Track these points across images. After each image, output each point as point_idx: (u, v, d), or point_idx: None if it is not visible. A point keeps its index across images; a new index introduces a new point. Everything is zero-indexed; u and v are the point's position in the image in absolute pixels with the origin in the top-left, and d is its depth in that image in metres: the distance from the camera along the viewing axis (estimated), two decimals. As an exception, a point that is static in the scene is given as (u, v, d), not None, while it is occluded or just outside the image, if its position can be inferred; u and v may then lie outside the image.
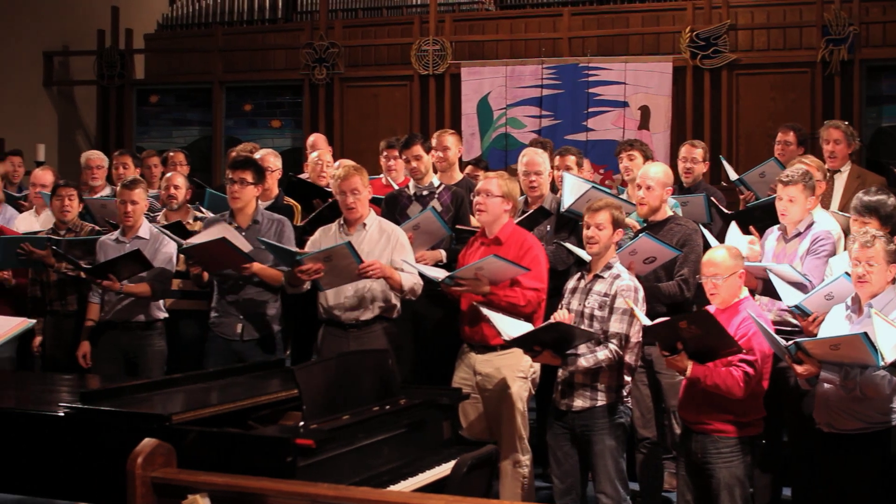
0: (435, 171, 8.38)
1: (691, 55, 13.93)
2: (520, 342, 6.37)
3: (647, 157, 8.75)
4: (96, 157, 10.27)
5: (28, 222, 9.30)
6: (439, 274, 6.99)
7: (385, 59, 15.96)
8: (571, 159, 8.78)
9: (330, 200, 8.20)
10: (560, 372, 6.58)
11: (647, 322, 6.11)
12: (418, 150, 8.14)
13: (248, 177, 7.53)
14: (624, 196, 8.19)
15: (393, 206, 8.12)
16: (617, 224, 6.52)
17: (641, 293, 6.46)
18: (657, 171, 7.41)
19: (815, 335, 6.03)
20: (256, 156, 8.61)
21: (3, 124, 15.74)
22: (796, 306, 6.30)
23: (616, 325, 6.35)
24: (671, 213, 7.40)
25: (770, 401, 6.27)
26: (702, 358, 5.92)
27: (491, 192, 6.98)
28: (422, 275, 7.12)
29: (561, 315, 6.33)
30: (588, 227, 6.54)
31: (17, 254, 8.13)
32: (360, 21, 16.62)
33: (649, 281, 6.98)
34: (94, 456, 5.24)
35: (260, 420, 5.51)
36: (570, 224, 7.79)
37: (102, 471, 5.17)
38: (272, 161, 8.64)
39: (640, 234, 7.07)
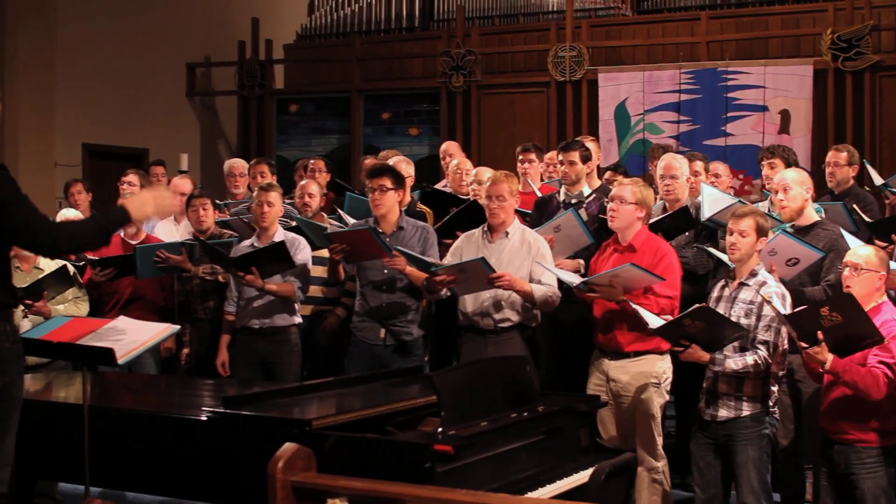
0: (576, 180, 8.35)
1: (833, 57, 13.65)
2: (666, 332, 6.30)
3: (789, 163, 8.55)
4: (239, 164, 10.47)
5: (168, 230, 9.45)
6: (574, 279, 6.97)
7: (522, 66, 15.95)
8: (699, 164, 8.67)
9: (464, 205, 8.22)
10: (705, 381, 6.51)
11: (785, 311, 6.03)
12: (575, 156, 8.08)
13: (388, 183, 7.59)
14: (765, 205, 8.07)
15: (542, 212, 8.10)
16: (761, 232, 6.42)
17: (789, 299, 6.36)
18: (792, 173, 7.33)
19: None
20: (389, 162, 8.68)
21: (148, 135, 16.11)
22: None
23: (764, 333, 6.26)
24: (818, 219, 7.28)
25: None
26: (841, 352, 5.81)
27: (624, 199, 6.94)
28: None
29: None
30: (731, 234, 6.46)
31: (155, 262, 8.27)
32: (496, 28, 16.64)
33: (794, 286, 6.86)
34: (234, 460, 5.31)
35: (398, 426, 5.53)
36: (708, 231, 7.71)
37: (242, 474, 5.25)
38: (404, 168, 8.68)
39: (778, 232, 6.96)
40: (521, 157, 9.19)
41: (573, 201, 7.99)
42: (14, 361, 4.88)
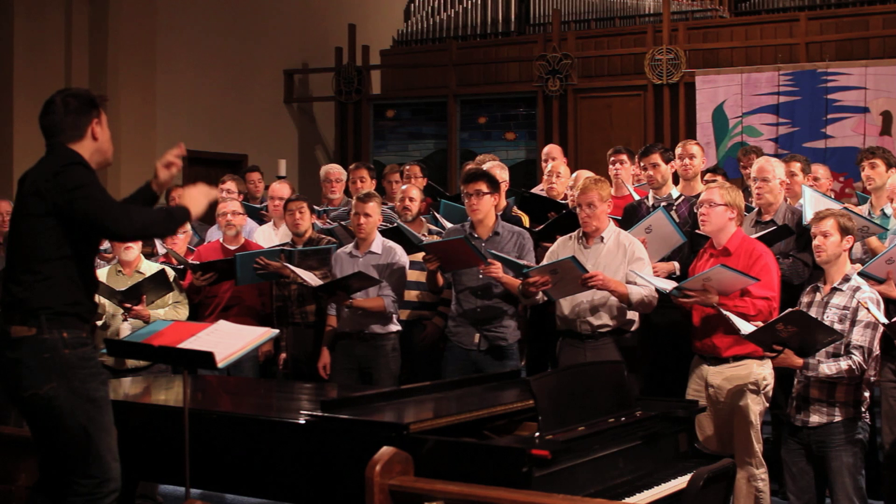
0: (675, 181, 8.30)
1: (936, 57, 13.44)
2: (758, 337, 6.23)
3: (891, 164, 8.41)
4: (335, 170, 10.53)
5: (267, 235, 9.54)
6: (668, 285, 6.92)
7: (618, 70, 15.88)
8: (797, 166, 8.56)
9: (564, 211, 8.21)
10: (795, 386, 6.44)
11: (885, 320, 5.96)
12: (656, 158, 8.06)
13: (483, 187, 7.60)
14: (865, 209, 7.96)
15: (632, 216, 8.06)
16: (845, 231, 6.37)
17: (882, 306, 6.27)
18: None
19: None
20: (485, 166, 8.69)
21: (247, 141, 16.29)
22: None
23: (858, 338, 6.19)
24: None
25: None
26: None
27: (713, 202, 6.88)
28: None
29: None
30: (815, 237, 6.41)
31: (254, 268, 8.34)
32: (592, 32, 16.57)
33: None
34: (332, 463, 5.34)
35: (495, 430, 5.54)
36: (806, 237, 7.61)
37: (340, 478, 5.28)
38: (499, 173, 8.68)
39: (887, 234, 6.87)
40: (612, 160, 9.15)
41: (662, 204, 7.94)
42: (79, 366, 4.97)
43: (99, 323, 7.74)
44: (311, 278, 8.08)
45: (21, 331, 4.93)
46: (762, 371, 6.71)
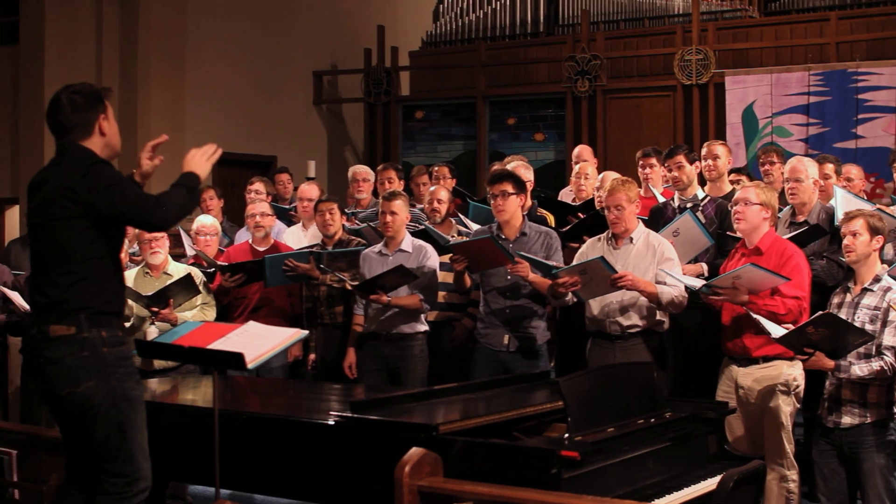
0: (702, 182, 8.27)
1: (968, 56, 13.35)
2: (789, 340, 6.21)
3: (922, 165, 8.40)
4: (362, 170, 10.54)
5: (296, 236, 9.55)
6: (697, 283, 6.90)
7: (647, 70, 15.83)
8: (829, 167, 8.53)
9: (591, 212, 8.20)
10: (826, 387, 6.41)
11: None
12: (681, 159, 8.04)
13: (509, 188, 7.59)
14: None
15: (658, 218, 8.04)
16: (875, 231, 6.36)
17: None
18: None
19: None
20: (509, 166, 8.68)
21: (276, 142, 16.32)
22: None
23: (890, 339, 6.16)
24: None
25: None
26: None
27: (749, 201, 6.86)
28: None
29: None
30: (844, 236, 6.38)
31: (283, 270, 8.36)
32: (621, 32, 16.54)
33: None
34: (361, 464, 5.36)
35: (524, 431, 5.54)
36: (840, 238, 7.58)
37: (369, 478, 5.28)
38: (523, 173, 8.66)
39: None
40: (641, 162, 9.13)
41: (688, 205, 7.92)
42: (117, 364, 5.01)
43: (126, 325, 7.77)
44: (346, 279, 8.11)
45: (60, 330, 4.95)
46: (792, 372, 6.68)
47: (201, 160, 5.38)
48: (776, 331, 6.22)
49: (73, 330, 4.94)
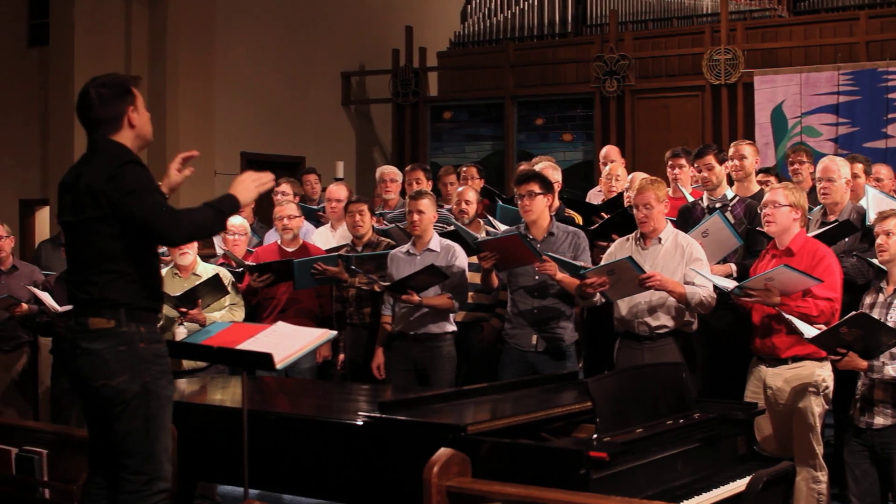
0: (730, 182, 8.25)
1: None
2: (822, 341, 6.18)
3: (951, 164, 8.36)
4: (390, 171, 10.55)
5: (324, 237, 9.55)
6: (729, 284, 6.87)
7: (676, 70, 15.81)
8: (859, 167, 8.49)
9: (620, 210, 8.18)
10: (858, 388, 6.39)
11: None
12: (711, 160, 8.00)
13: (536, 188, 7.58)
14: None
15: (686, 218, 8.01)
16: (910, 231, 6.33)
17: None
18: None
19: None
20: (537, 167, 8.68)
21: (305, 143, 16.39)
22: None
23: (925, 338, 6.14)
24: None
25: None
26: None
27: (778, 203, 6.82)
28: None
29: None
30: (877, 236, 6.36)
31: (312, 273, 8.37)
32: (650, 32, 16.53)
33: None
34: (390, 464, 5.36)
35: (553, 432, 5.53)
36: (871, 237, 7.54)
37: (398, 479, 5.28)
38: (551, 173, 8.65)
39: None
40: (670, 163, 9.09)
41: (717, 205, 7.89)
42: (152, 361, 5.01)
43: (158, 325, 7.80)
44: (376, 280, 8.12)
45: (100, 322, 4.96)
46: (822, 372, 6.65)
47: (250, 185, 5.26)
48: (809, 331, 6.19)
49: (112, 323, 4.96)
